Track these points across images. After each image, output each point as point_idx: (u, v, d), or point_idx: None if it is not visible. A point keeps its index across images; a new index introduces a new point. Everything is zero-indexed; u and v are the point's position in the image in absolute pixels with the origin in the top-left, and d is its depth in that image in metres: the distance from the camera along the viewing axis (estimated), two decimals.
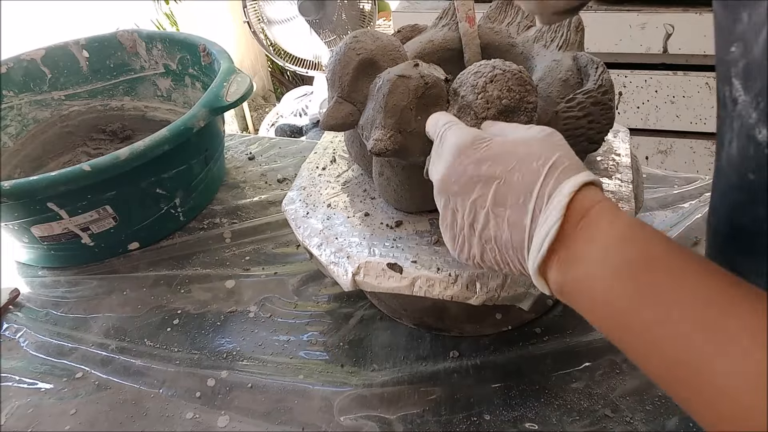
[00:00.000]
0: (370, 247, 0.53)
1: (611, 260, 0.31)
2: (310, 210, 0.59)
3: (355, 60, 0.51)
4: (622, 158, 0.60)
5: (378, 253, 0.52)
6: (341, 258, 0.52)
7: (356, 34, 0.52)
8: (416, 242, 0.53)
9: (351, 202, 0.59)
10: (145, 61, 0.99)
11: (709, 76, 1.49)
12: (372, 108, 0.49)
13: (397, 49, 0.53)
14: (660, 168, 0.98)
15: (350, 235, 0.55)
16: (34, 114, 0.95)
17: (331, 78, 0.52)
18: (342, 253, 0.53)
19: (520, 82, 0.45)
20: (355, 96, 0.51)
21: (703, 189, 0.75)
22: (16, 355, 0.65)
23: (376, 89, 0.49)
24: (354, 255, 0.52)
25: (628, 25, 1.49)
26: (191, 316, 0.67)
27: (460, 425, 0.52)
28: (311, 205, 0.59)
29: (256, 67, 2.50)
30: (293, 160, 0.93)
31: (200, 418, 0.56)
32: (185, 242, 0.79)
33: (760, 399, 0.23)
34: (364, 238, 0.54)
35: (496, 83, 0.45)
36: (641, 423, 0.50)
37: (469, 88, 0.46)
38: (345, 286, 0.52)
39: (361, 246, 0.53)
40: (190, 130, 0.71)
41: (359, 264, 0.51)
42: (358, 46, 0.51)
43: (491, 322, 0.60)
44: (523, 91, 0.45)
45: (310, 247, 0.55)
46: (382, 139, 0.47)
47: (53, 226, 0.71)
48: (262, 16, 1.72)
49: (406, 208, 0.57)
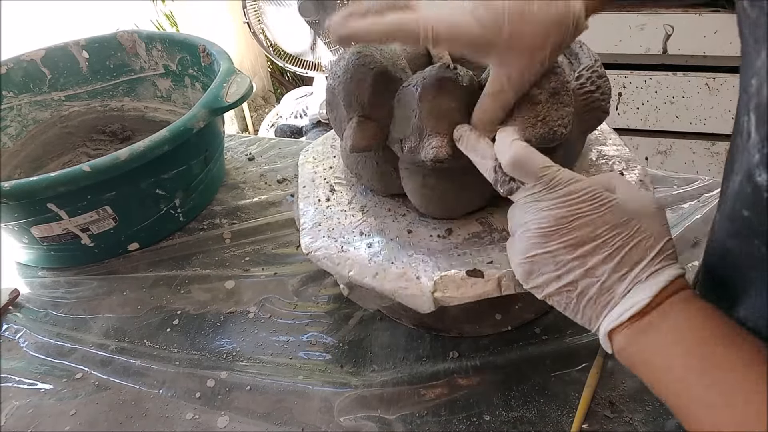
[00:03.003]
0: (435, 261, 0.49)
1: (681, 340, 0.34)
2: (344, 243, 0.53)
3: (370, 75, 0.49)
4: (602, 125, 0.62)
5: (447, 264, 0.49)
6: (409, 281, 0.48)
7: (360, 49, 0.50)
8: (479, 245, 0.51)
9: (384, 224, 0.55)
10: (144, 61, 0.99)
11: (709, 77, 1.50)
12: (405, 118, 0.48)
13: (399, 56, 0.53)
14: (659, 168, 0.98)
15: (405, 255, 0.51)
16: (34, 114, 0.95)
17: (347, 99, 0.50)
18: (407, 276, 0.49)
19: (556, 65, 0.47)
20: (375, 112, 0.49)
21: (702, 189, 0.75)
22: (16, 356, 0.65)
23: (416, 96, 0.47)
24: (422, 274, 0.48)
25: (627, 26, 1.49)
26: (191, 316, 0.67)
27: (460, 425, 0.52)
28: (342, 238, 0.54)
29: (256, 68, 2.50)
30: (293, 161, 0.93)
31: (200, 419, 0.56)
32: (185, 243, 0.79)
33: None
34: (423, 254, 0.50)
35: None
36: (641, 423, 0.50)
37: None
38: (424, 308, 0.48)
39: (424, 263, 0.49)
40: (189, 131, 0.71)
41: (435, 280, 0.47)
42: (367, 61, 0.49)
43: (491, 322, 0.60)
44: (561, 72, 0.47)
45: (364, 280, 0.50)
46: (442, 145, 0.45)
47: (53, 226, 0.71)
48: (262, 16, 1.72)
49: (453, 215, 0.54)
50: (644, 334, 0.35)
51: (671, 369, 0.33)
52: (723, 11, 1.40)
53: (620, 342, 0.36)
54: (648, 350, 0.35)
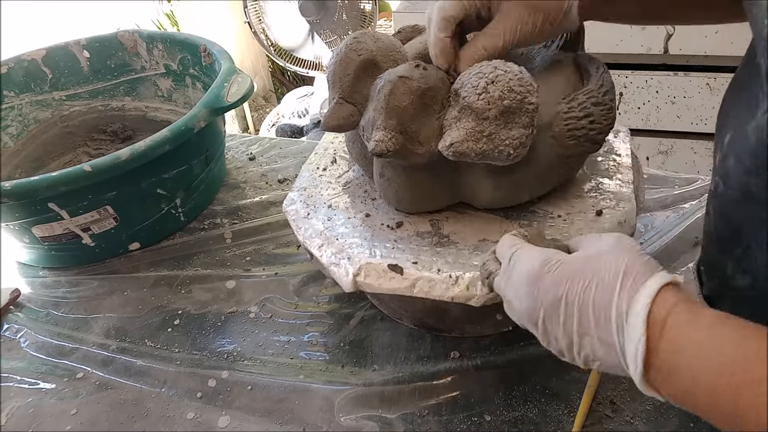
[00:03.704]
0: (371, 248, 0.53)
1: (701, 373, 0.31)
2: (311, 211, 0.58)
3: (356, 61, 0.50)
4: (623, 158, 0.60)
5: (379, 254, 0.52)
6: (342, 259, 0.52)
7: (357, 35, 0.52)
8: (417, 243, 0.53)
9: (352, 203, 0.59)
10: (145, 61, 0.99)
11: (710, 77, 1.49)
12: (373, 109, 0.49)
13: (397, 49, 0.53)
14: (661, 169, 0.98)
15: (351, 236, 0.55)
16: (34, 114, 0.95)
17: (332, 79, 0.52)
18: (343, 254, 0.53)
19: (521, 82, 0.45)
20: (356, 97, 0.51)
21: (703, 189, 0.75)
22: (17, 356, 0.65)
23: (377, 90, 0.48)
24: (355, 256, 0.52)
25: (628, 26, 1.49)
26: (192, 316, 0.67)
27: (461, 425, 0.52)
28: (312, 206, 0.59)
29: (257, 68, 2.50)
30: (294, 161, 0.93)
31: (201, 419, 0.56)
32: (186, 242, 0.79)
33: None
34: (365, 239, 0.54)
35: (497, 84, 0.45)
36: (641, 423, 0.50)
37: (471, 89, 0.45)
38: (346, 287, 0.51)
39: (361, 247, 0.53)
40: (190, 131, 0.71)
41: (360, 265, 0.51)
42: (359, 47, 0.51)
43: (492, 322, 0.60)
44: (524, 92, 0.45)
45: (311, 248, 0.55)
46: (383, 140, 0.47)
47: (54, 226, 0.71)
48: (263, 16, 1.72)
49: (406, 209, 0.57)
50: (669, 377, 0.33)
51: (714, 405, 0.31)
52: None
53: (663, 390, 0.34)
54: (682, 383, 0.33)
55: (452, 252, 0.51)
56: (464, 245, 0.52)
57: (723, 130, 0.41)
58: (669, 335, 0.33)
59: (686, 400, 0.33)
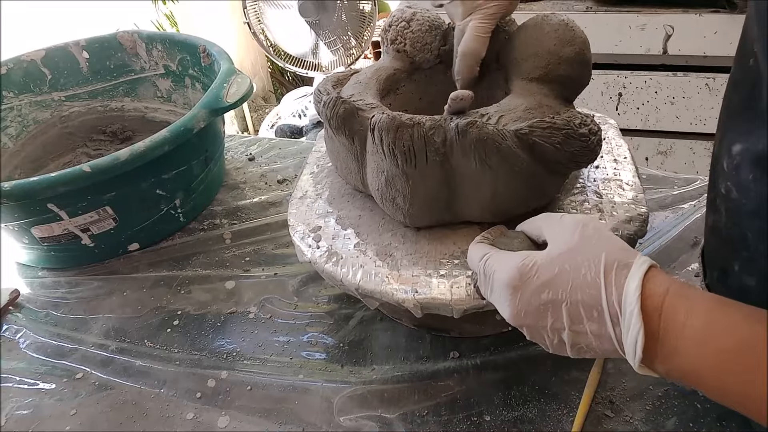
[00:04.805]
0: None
1: (707, 355, 0.32)
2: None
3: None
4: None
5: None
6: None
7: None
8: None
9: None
10: (145, 62, 0.99)
11: (709, 77, 1.50)
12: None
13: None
14: (660, 169, 0.98)
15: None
16: (34, 115, 0.95)
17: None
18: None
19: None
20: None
21: (702, 190, 0.75)
22: (17, 356, 0.65)
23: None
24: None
25: (627, 26, 1.49)
26: (191, 316, 0.67)
27: (461, 425, 0.52)
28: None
29: (256, 68, 2.50)
30: (293, 161, 0.93)
31: (201, 419, 0.56)
32: (185, 243, 0.79)
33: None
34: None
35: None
36: (641, 423, 0.50)
37: None
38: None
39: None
40: (190, 131, 0.71)
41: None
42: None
43: (491, 322, 0.60)
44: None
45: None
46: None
47: (53, 227, 0.71)
48: (262, 17, 1.72)
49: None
50: (670, 358, 0.34)
51: (718, 384, 0.32)
52: (723, 12, 1.41)
53: (659, 370, 0.35)
54: (683, 370, 0.34)
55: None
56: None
57: (728, 134, 0.40)
58: (667, 323, 0.34)
59: (689, 380, 0.34)
